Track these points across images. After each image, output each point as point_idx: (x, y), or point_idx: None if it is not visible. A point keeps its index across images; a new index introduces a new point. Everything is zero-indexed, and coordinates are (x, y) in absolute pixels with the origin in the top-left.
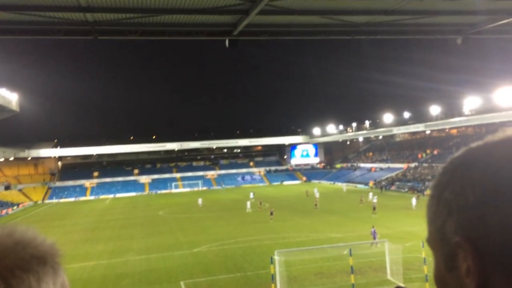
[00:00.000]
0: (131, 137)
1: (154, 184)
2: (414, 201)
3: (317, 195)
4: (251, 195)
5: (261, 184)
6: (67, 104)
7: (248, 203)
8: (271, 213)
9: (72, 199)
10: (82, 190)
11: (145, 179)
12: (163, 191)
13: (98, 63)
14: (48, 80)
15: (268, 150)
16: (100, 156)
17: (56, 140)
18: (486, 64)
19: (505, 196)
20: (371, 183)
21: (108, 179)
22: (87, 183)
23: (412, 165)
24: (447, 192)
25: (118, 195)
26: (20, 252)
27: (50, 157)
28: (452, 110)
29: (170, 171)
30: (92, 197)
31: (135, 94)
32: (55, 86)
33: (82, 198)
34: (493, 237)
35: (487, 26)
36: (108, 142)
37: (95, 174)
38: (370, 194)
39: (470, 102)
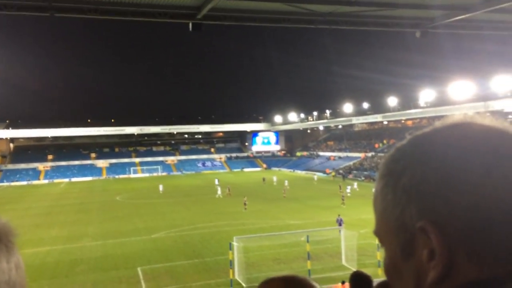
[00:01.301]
0: (89, 120)
1: (112, 168)
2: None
3: (286, 183)
4: (216, 182)
5: (221, 171)
6: (21, 83)
7: (219, 188)
8: (245, 203)
9: (24, 183)
10: (36, 174)
11: (102, 163)
12: (121, 176)
13: (56, 41)
14: (1, 57)
15: (230, 136)
16: (55, 138)
17: (8, 121)
18: (441, 59)
19: (468, 177)
20: (327, 171)
21: (63, 163)
22: (40, 166)
23: (369, 154)
24: (405, 178)
25: (74, 179)
26: None
27: (1, 139)
28: (408, 102)
29: (129, 156)
30: (46, 181)
31: (94, 75)
32: (9, 64)
33: (36, 182)
34: (458, 218)
35: (444, 21)
36: (64, 124)
37: (50, 157)
38: (348, 187)
39: (426, 95)
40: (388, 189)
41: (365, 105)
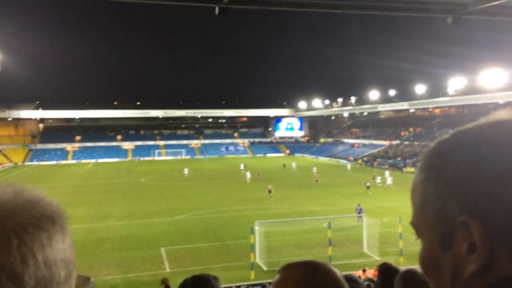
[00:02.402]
0: (115, 102)
1: (137, 150)
2: (389, 179)
3: (314, 170)
4: (242, 167)
5: (244, 155)
6: (50, 65)
7: (248, 173)
8: (270, 191)
9: (53, 162)
10: (64, 154)
11: (128, 145)
12: (146, 158)
13: (84, 24)
14: (32, 39)
15: (253, 121)
16: (82, 120)
17: (38, 102)
18: (472, 46)
19: None
20: (350, 158)
21: (90, 144)
22: (68, 146)
23: (394, 142)
24: (448, 173)
25: (100, 160)
26: (30, 210)
27: (31, 119)
28: (436, 90)
29: (154, 139)
30: (74, 161)
31: (120, 58)
32: (39, 46)
33: (64, 162)
34: (502, 214)
35: (478, 7)
36: (91, 106)
37: (77, 138)
38: (387, 172)
39: (455, 83)
40: (429, 182)
41: (392, 92)
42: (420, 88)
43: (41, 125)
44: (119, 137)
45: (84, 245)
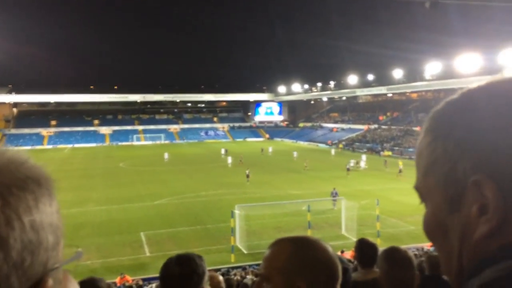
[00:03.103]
0: (92, 87)
1: (115, 135)
2: (362, 162)
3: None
4: (223, 152)
5: (224, 140)
6: (24, 47)
7: (229, 158)
8: (247, 176)
9: (28, 147)
10: (39, 139)
11: (105, 130)
12: (124, 143)
13: (61, 5)
14: (5, 20)
15: (233, 106)
16: (58, 104)
17: (11, 85)
18: (448, 31)
19: None
20: (329, 142)
21: (66, 129)
22: (44, 131)
23: (372, 126)
24: (458, 132)
25: (77, 145)
26: (14, 171)
27: (4, 103)
28: (414, 75)
29: (132, 123)
30: (50, 146)
31: (98, 41)
32: (12, 28)
33: (39, 147)
34: None
35: None
36: (68, 90)
37: (53, 122)
38: (363, 156)
39: (431, 68)
40: (437, 143)
41: (370, 77)
42: (397, 73)
43: (15, 109)
44: (96, 121)
45: (63, 232)
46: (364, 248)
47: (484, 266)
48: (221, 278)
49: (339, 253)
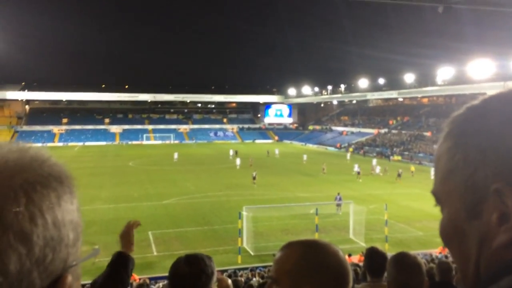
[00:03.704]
0: (103, 85)
1: (125, 134)
2: (376, 167)
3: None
4: (231, 153)
5: (233, 141)
6: (37, 45)
7: (238, 159)
8: (254, 177)
9: (39, 144)
10: (50, 136)
11: (116, 128)
12: (134, 142)
13: (73, 4)
14: (19, 19)
15: (242, 107)
16: (69, 102)
17: (23, 83)
18: (461, 37)
19: None
20: (338, 145)
21: (77, 127)
22: (55, 129)
23: (382, 131)
24: (481, 139)
25: (88, 143)
26: (37, 168)
27: (17, 100)
28: (425, 80)
29: (142, 123)
30: (61, 144)
31: (109, 41)
32: (25, 26)
33: (50, 144)
34: None
35: None
36: (79, 89)
37: (64, 120)
38: (374, 160)
39: (443, 73)
40: (458, 149)
41: (381, 81)
42: (409, 77)
43: (27, 107)
44: (106, 120)
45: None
46: (374, 257)
47: (503, 274)
48: (229, 281)
49: (346, 256)
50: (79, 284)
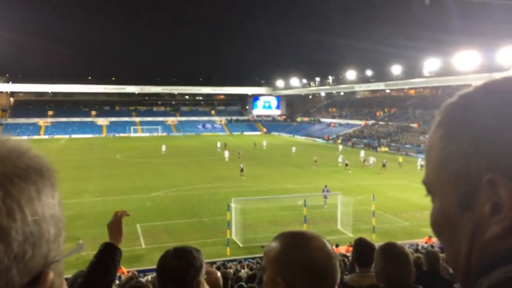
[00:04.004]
0: (89, 77)
1: (112, 126)
2: (370, 158)
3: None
4: (219, 144)
5: (221, 133)
6: (22, 36)
7: (226, 152)
8: (242, 170)
9: (24, 137)
10: (36, 129)
11: (102, 121)
12: (121, 135)
13: None
14: (1, 10)
15: (231, 99)
16: (55, 94)
17: (7, 75)
18: (447, 28)
19: None
20: (326, 137)
21: (63, 119)
22: (41, 121)
23: (370, 122)
24: (474, 128)
25: (74, 136)
26: (15, 160)
27: (1, 92)
28: (412, 71)
29: (130, 115)
30: (46, 136)
31: (95, 32)
32: (9, 17)
33: (36, 137)
34: None
35: None
36: (65, 81)
37: (50, 113)
38: (362, 152)
39: (430, 64)
40: (451, 138)
41: (368, 72)
42: (396, 69)
43: (11, 99)
44: (93, 112)
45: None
46: (362, 248)
47: (495, 266)
48: (219, 274)
49: (334, 247)
50: (62, 281)
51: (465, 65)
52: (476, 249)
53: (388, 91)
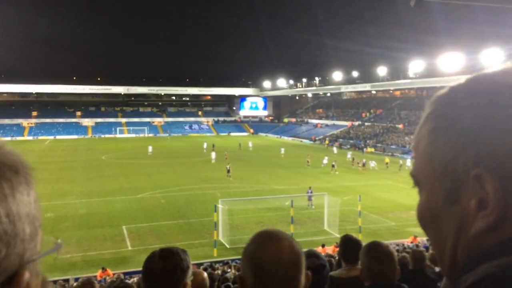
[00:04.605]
0: (74, 77)
1: (98, 127)
2: (371, 161)
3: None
4: (205, 145)
5: (208, 134)
6: (4, 36)
7: (213, 153)
8: (228, 171)
9: (8, 138)
10: (20, 130)
11: (88, 122)
12: (107, 136)
13: None
14: None
15: (218, 100)
16: (39, 95)
17: None
18: (432, 30)
19: None
20: (313, 138)
21: (48, 120)
22: (25, 122)
23: (356, 123)
24: (463, 122)
25: (59, 137)
26: None
27: None
28: (397, 73)
29: (115, 116)
30: (30, 138)
31: (81, 31)
32: None
33: (20, 138)
34: None
35: None
36: (49, 81)
37: (34, 113)
38: (349, 153)
39: (415, 66)
40: (439, 132)
41: (355, 74)
42: (381, 70)
43: None
44: (78, 113)
45: (41, 223)
46: (348, 244)
47: (480, 261)
48: (205, 275)
49: (320, 247)
50: (40, 281)
51: (449, 66)
52: (461, 244)
53: (374, 92)
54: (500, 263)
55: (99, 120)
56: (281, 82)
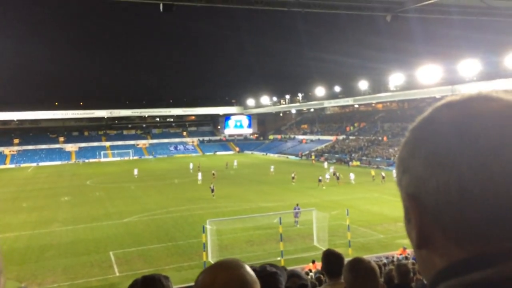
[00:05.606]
0: (56, 103)
1: (82, 152)
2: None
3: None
4: (191, 166)
5: (194, 154)
6: None
7: (200, 174)
8: (212, 190)
9: None
10: (1, 158)
11: (71, 147)
12: (91, 160)
13: (22, 21)
14: None
15: (202, 120)
16: (21, 121)
17: None
18: (410, 43)
19: (442, 160)
20: (300, 154)
21: (30, 147)
22: (6, 150)
23: (341, 137)
24: (404, 151)
25: (42, 163)
26: None
27: None
28: (379, 86)
29: (99, 140)
30: (13, 165)
31: (61, 57)
32: None
33: (1, 167)
34: (431, 196)
35: (414, 5)
36: (30, 107)
37: (16, 141)
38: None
39: (395, 79)
40: (397, 159)
41: (337, 88)
42: (363, 84)
43: None
44: (61, 139)
45: (26, 253)
46: (331, 259)
47: (439, 281)
48: None
49: (310, 264)
50: None
51: (428, 78)
52: (421, 263)
53: (356, 106)
54: (454, 283)
55: (83, 144)
56: (265, 99)
